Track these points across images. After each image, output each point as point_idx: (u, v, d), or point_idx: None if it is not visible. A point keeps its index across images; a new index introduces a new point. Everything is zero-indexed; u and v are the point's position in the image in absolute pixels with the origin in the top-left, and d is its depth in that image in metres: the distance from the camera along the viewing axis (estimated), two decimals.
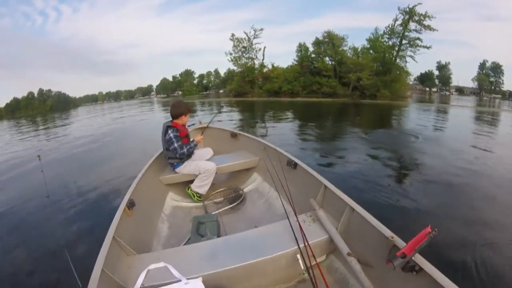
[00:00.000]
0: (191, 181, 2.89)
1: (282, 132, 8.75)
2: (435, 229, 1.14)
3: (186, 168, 2.86)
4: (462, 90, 72.64)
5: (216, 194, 2.97)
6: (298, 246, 1.44)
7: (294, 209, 1.76)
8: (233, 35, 37.63)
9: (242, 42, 37.68)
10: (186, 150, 2.78)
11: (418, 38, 31.02)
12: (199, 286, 1.36)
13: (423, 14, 29.69)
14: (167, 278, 1.42)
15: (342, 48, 35.26)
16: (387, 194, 3.58)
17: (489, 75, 65.80)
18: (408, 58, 32.64)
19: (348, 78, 31.79)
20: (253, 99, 30.93)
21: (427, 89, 72.03)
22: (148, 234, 2.17)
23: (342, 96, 30.95)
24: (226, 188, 3.04)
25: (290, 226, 1.54)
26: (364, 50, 35.54)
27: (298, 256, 1.49)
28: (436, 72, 70.99)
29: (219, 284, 1.47)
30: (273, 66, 39.01)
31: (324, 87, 33.06)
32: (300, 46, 38.06)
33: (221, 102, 27.42)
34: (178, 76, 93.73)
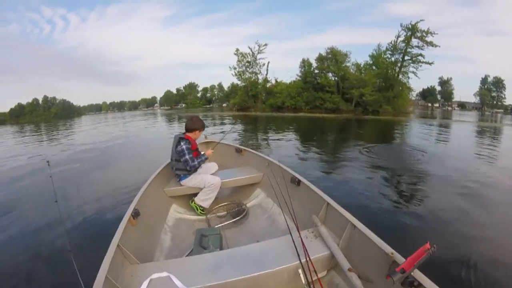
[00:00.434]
0: (195, 194, 2.92)
1: (285, 146, 8.79)
2: (434, 245, 1.16)
3: (192, 181, 2.90)
4: (464, 105, 72.84)
5: (219, 208, 3.00)
6: (300, 261, 1.46)
7: (296, 224, 1.78)
8: (237, 50, 38.57)
9: (246, 57, 38.49)
10: (197, 163, 2.83)
11: (420, 54, 31.40)
12: None
13: (426, 30, 30.10)
14: None
15: (345, 64, 35.54)
16: (388, 210, 3.58)
17: (491, 90, 65.95)
18: (410, 74, 33.01)
19: (351, 94, 32.03)
20: (256, 114, 31.16)
21: (429, 104, 72.33)
22: (151, 244, 2.20)
23: (345, 111, 31.10)
24: (229, 202, 3.07)
25: (292, 241, 1.56)
26: (367, 66, 36.05)
27: (300, 271, 1.51)
28: (438, 87, 71.58)
29: None
30: (276, 81, 39.70)
31: (327, 103, 33.30)
32: (303, 61, 38.72)
33: (225, 117, 27.60)
34: (182, 88, 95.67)
